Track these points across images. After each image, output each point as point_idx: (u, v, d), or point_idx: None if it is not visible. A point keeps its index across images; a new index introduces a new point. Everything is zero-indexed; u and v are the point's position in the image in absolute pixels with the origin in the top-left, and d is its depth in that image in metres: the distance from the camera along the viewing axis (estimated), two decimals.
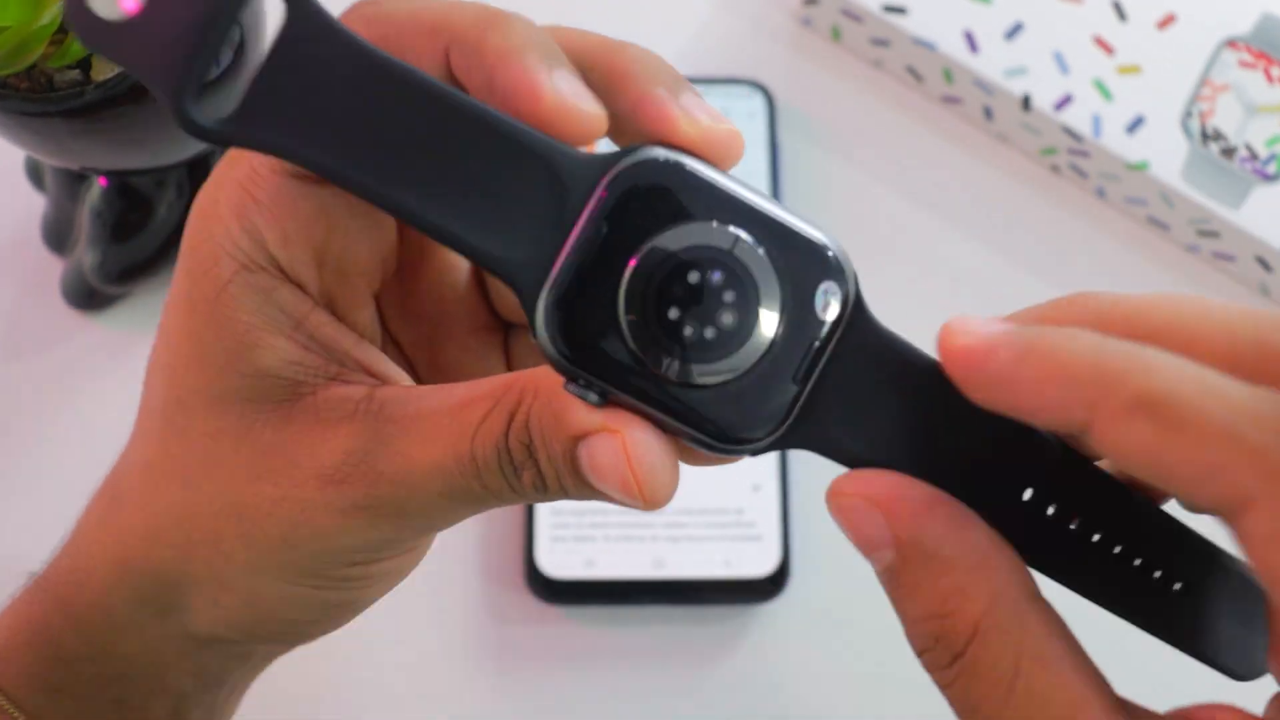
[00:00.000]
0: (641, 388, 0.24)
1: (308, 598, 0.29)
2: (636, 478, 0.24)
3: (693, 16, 0.54)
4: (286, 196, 0.27)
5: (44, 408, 0.49)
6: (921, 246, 0.51)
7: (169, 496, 0.29)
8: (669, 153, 0.25)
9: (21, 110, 0.36)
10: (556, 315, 0.24)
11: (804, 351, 0.25)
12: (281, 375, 0.27)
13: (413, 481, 0.26)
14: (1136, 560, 0.26)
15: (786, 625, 0.46)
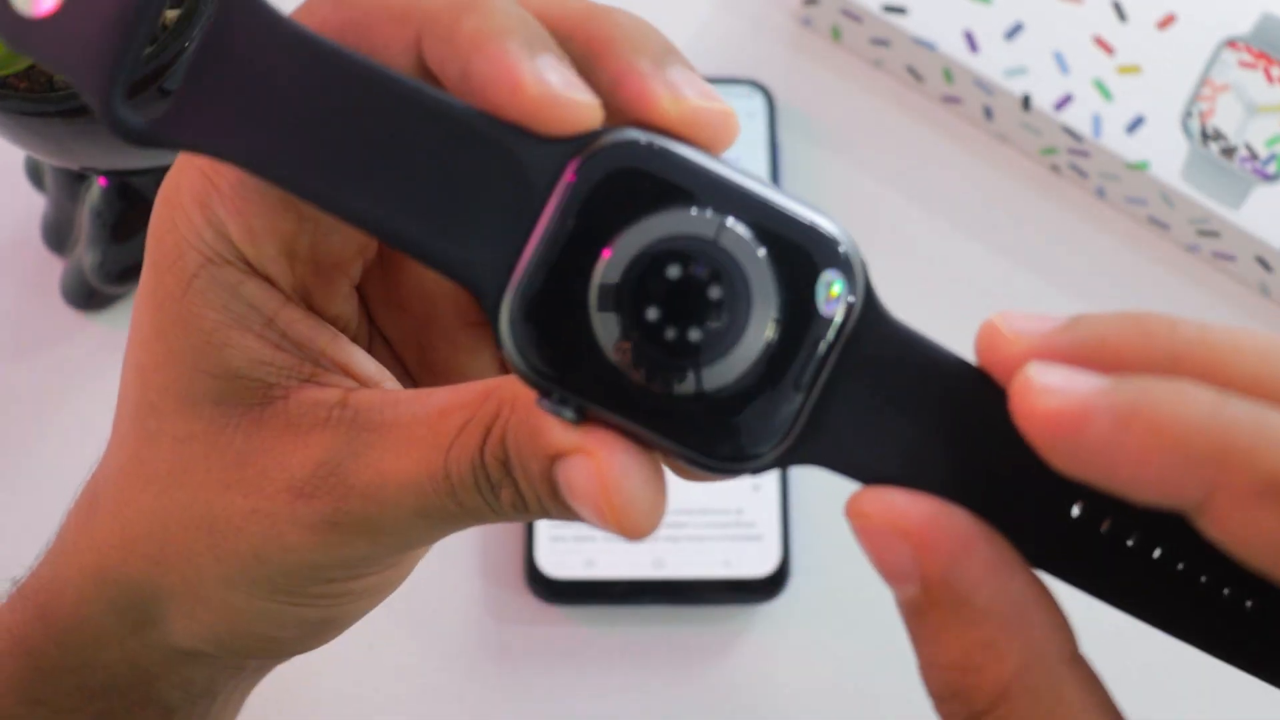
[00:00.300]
0: (621, 401, 0.21)
1: (284, 614, 0.27)
2: (612, 506, 0.22)
3: (693, 16, 0.54)
4: (250, 186, 0.24)
5: (44, 408, 0.49)
6: (922, 246, 0.51)
7: (141, 505, 0.27)
8: (648, 135, 0.22)
9: (21, 110, 0.36)
10: (522, 322, 0.21)
11: (808, 355, 0.22)
12: (252, 376, 0.25)
13: (384, 498, 0.24)
14: (1203, 578, 0.22)
15: (786, 625, 0.46)
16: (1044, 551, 0.22)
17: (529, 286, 0.21)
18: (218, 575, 0.26)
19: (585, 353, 0.21)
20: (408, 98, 0.22)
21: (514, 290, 0.21)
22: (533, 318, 0.21)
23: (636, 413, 0.22)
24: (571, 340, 0.21)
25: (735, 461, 0.22)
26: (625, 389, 0.21)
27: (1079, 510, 0.22)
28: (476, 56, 0.22)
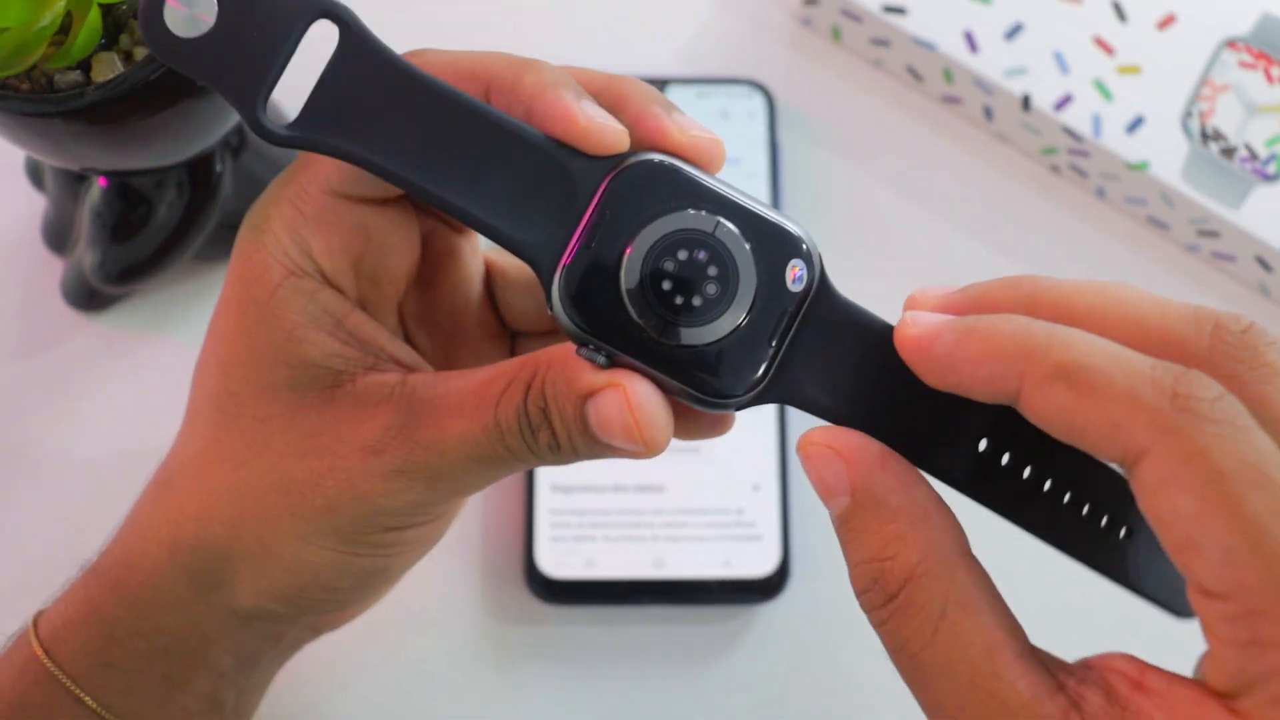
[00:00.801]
0: (641, 349, 0.28)
1: (346, 564, 0.32)
2: (638, 423, 0.28)
3: (693, 16, 0.54)
4: (331, 213, 0.31)
5: (44, 408, 0.49)
6: (922, 246, 0.51)
7: (222, 478, 0.32)
8: (663, 156, 0.29)
9: (22, 111, 0.36)
10: (568, 289, 0.28)
11: (777, 318, 0.29)
12: (324, 365, 0.31)
13: (445, 447, 0.30)
14: (1085, 507, 0.29)
15: (786, 625, 0.46)
16: (956, 475, 0.29)
17: (575, 263, 0.28)
18: (293, 531, 0.31)
19: (615, 313, 0.28)
20: (492, 121, 0.29)
21: (564, 267, 0.28)
22: (576, 287, 0.28)
23: (653, 359, 0.28)
24: (604, 303, 0.28)
25: (723, 398, 0.29)
26: (644, 341, 0.28)
27: (985, 445, 0.29)
28: (538, 101, 0.29)
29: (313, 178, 0.31)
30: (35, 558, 0.37)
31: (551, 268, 0.28)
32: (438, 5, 0.54)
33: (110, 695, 0.33)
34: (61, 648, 0.34)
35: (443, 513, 0.33)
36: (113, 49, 0.37)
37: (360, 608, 0.38)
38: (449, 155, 0.29)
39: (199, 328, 0.50)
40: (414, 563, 0.34)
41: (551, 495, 0.46)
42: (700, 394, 0.29)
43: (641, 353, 0.28)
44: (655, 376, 0.29)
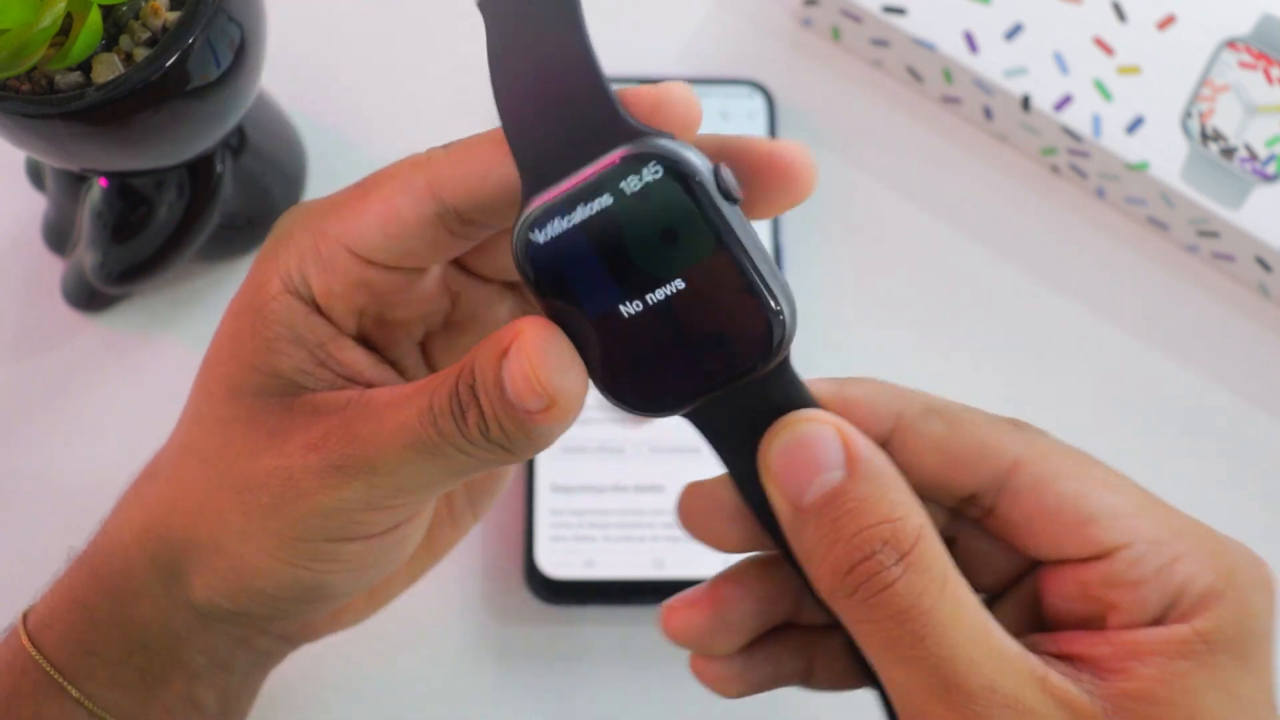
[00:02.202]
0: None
1: (283, 573, 0.31)
2: (533, 365, 0.27)
3: (693, 16, 0.54)
4: (339, 265, 0.31)
5: (44, 408, 0.49)
6: (921, 246, 0.51)
7: (189, 472, 0.32)
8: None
9: (22, 112, 0.36)
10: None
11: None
12: (292, 379, 0.31)
13: (380, 438, 0.29)
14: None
15: None
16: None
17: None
18: (239, 529, 0.31)
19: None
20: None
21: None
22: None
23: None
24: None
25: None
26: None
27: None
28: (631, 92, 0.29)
29: (336, 226, 0.31)
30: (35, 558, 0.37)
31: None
32: (438, 4, 0.54)
33: (94, 686, 0.34)
34: (46, 635, 0.34)
35: (389, 527, 0.32)
36: (113, 50, 0.37)
37: (336, 617, 0.37)
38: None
39: (199, 328, 0.50)
40: (357, 586, 0.33)
41: (551, 495, 0.46)
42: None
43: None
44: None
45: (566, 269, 0.28)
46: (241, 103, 0.41)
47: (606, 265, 0.27)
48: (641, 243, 0.27)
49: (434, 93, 0.52)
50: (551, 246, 0.28)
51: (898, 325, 0.50)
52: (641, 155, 0.27)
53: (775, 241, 0.50)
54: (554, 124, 0.28)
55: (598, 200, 0.27)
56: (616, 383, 0.28)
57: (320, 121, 0.52)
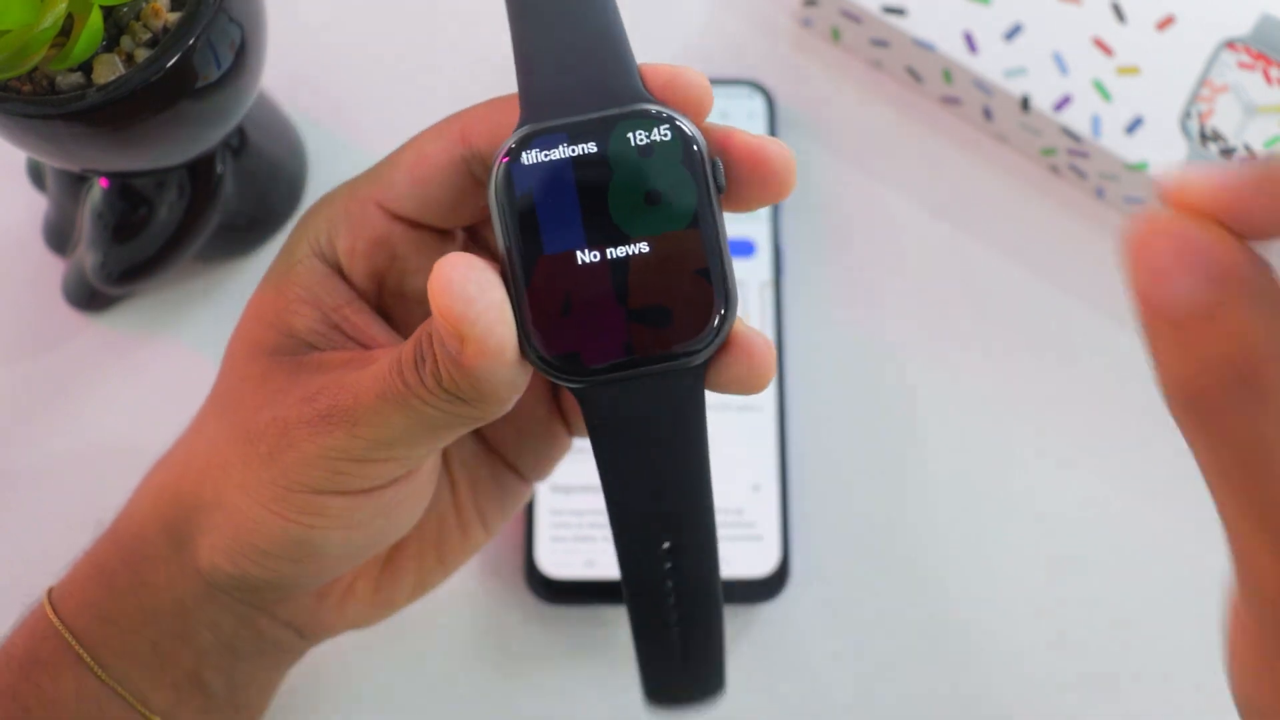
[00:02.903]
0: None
1: (272, 524, 0.32)
2: (441, 298, 0.26)
3: (693, 16, 0.54)
4: (368, 220, 0.32)
5: (45, 408, 0.49)
6: (920, 246, 0.51)
7: (206, 430, 0.33)
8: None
9: (23, 113, 0.36)
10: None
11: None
12: (304, 340, 0.32)
13: (361, 388, 0.30)
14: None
15: (786, 625, 0.47)
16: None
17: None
18: (239, 480, 0.32)
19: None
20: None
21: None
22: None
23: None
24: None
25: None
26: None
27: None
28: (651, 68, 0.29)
29: (368, 184, 0.32)
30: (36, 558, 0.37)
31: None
32: (439, 4, 0.54)
33: (108, 655, 0.34)
34: (67, 602, 0.34)
35: (373, 483, 0.31)
36: (114, 51, 0.37)
37: (343, 613, 0.37)
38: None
39: (199, 328, 0.50)
40: (347, 549, 0.33)
41: (551, 495, 0.46)
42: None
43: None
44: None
45: (542, 197, 0.27)
46: (242, 103, 0.41)
47: (583, 206, 0.27)
48: (625, 195, 0.27)
49: (435, 93, 0.52)
50: (536, 169, 0.27)
51: (896, 325, 0.50)
52: (659, 114, 0.27)
53: (775, 241, 0.50)
54: (569, 72, 0.28)
55: (599, 140, 0.27)
56: (537, 328, 0.27)
57: (320, 121, 0.52)
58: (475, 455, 0.38)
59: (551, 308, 0.27)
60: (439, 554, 0.38)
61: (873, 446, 0.48)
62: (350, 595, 0.37)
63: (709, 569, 0.32)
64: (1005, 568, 0.47)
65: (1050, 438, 0.49)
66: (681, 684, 0.36)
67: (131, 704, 0.34)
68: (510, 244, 0.27)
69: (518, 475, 0.38)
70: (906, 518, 0.48)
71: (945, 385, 0.49)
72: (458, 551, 0.38)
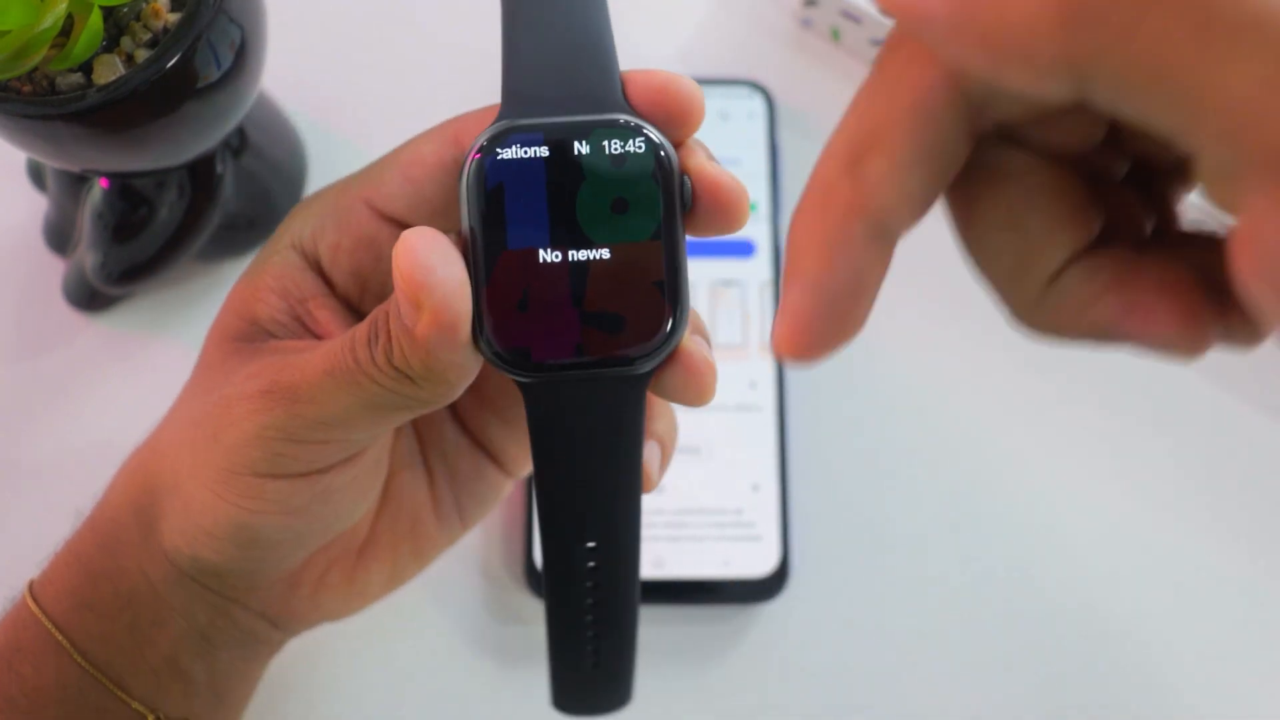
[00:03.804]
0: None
1: (218, 509, 0.32)
2: (404, 263, 0.27)
3: (692, 16, 0.54)
4: (356, 218, 0.32)
5: (45, 408, 0.49)
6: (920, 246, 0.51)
7: (172, 416, 0.34)
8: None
9: (24, 113, 0.36)
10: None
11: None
12: (265, 328, 0.32)
13: (306, 366, 0.30)
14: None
15: (786, 625, 0.47)
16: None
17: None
18: (191, 462, 0.32)
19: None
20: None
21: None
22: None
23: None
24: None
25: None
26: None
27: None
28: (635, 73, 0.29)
29: (360, 183, 0.32)
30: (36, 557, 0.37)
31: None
32: (439, 4, 0.54)
33: (87, 641, 0.34)
34: (47, 590, 0.35)
35: (309, 468, 0.32)
36: (114, 51, 0.38)
37: (317, 605, 0.37)
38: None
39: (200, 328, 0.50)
40: (289, 536, 0.33)
41: None
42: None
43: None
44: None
45: (512, 192, 0.28)
46: (242, 103, 0.41)
47: (550, 206, 0.28)
48: (593, 201, 0.28)
49: (434, 93, 0.52)
50: (509, 165, 0.28)
51: (896, 324, 0.50)
52: (636, 126, 0.28)
53: (775, 241, 0.50)
54: (553, 73, 0.28)
55: (574, 143, 0.28)
56: (492, 318, 0.28)
57: (320, 121, 0.52)
58: (457, 447, 0.37)
59: (508, 301, 0.28)
60: (414, 546, 0.38)
61: (873, 446, 0.48)
62: (323, 586, 0.37)
63: (628, 575, 0.33)
64: (1005, 567, 0.47)
65: (1052, 437, 0.49)
66: (589, 692, 0.36)
67: (111, 689, 0.34)
68: (475, 234, 0.28)
69: (499, 468, 0.38)
70: (906, 518, 0.48)
71: (945, 385, 0.49)
72: (434, 544, 0.38)
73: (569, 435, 0.29)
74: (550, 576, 0.32)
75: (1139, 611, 0.47)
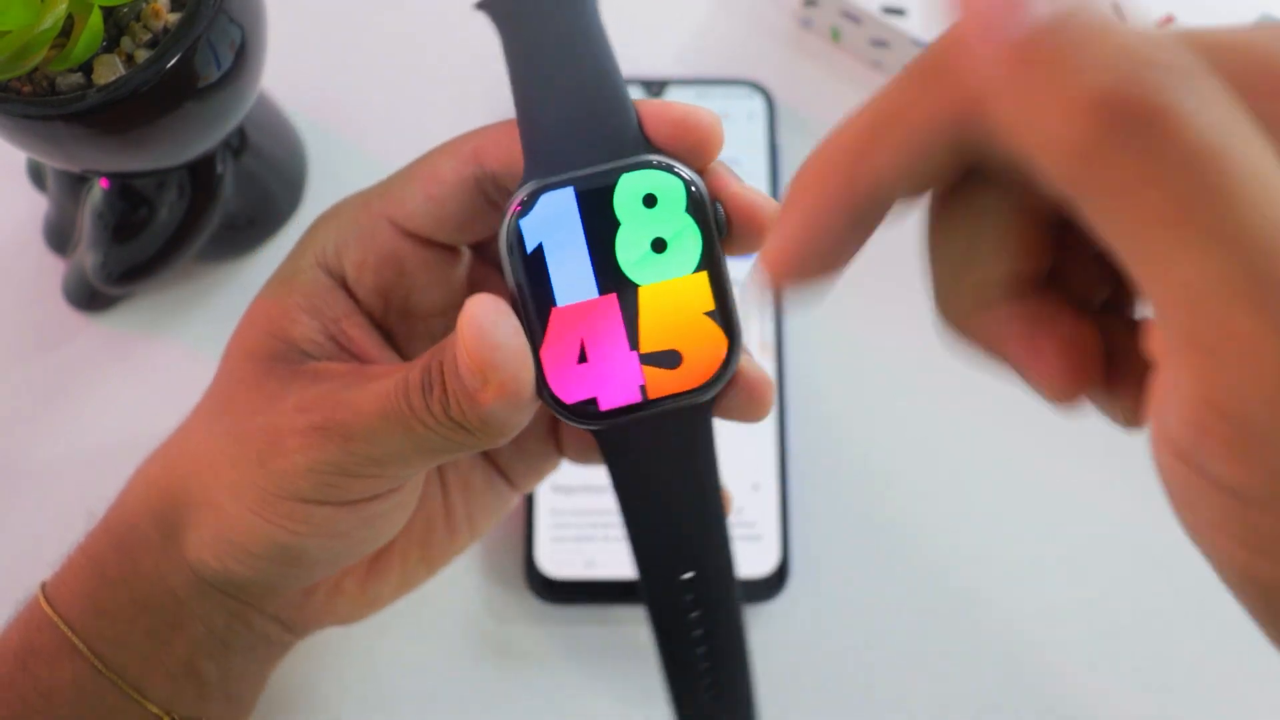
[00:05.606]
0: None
1: (260, 529, 0.32)
2: (467, 339, 0.27)
3: (692, 16, 0.54)
4: (378, 237, 0.32)
5: (45, 408, 0.49)
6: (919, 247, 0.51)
7: (198, 429, 0.34)
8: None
9: (24, 113, 0.36)
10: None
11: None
12: (300, 348, 0.32)
13: (360, 404, 0.30)
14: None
15: (786, 625, 0.47)
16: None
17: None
18: (229, 481, 0.32)
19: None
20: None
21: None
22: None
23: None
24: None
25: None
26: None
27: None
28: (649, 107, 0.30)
29: (381, 199, 0.32)
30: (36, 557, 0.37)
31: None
32: (439, 4, 0.54)
33: (102, 644, 0.34)
34: (62, 593, 0.35)
35: (360, 497, 0.32)
36: (114, 52, 0.38)
37: (332, 609, 0.38)
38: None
39: (200, 328, 0.50)
40: (330, 556, 0.34)
41: (551, 495, 0.46)
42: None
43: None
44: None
45: (551, 250, 0.28)
46: (242, 104, 0.41)
47: (592, 256, 0.28)
48: (632, 244, 0.28)
49: (435, 93, 0.52)
50: (545, 224, 0.28)
51: (896, 325, 0.50)
52: (663, 165, 0.28)
53: None
54: (571, 123, 0.29)
55: (605, 192, 0.28)
56: (554, 375, 0.28)
57: (320, 121, 0.52)
58: (471, 461, 0.38)
59: (567, 357, 0.28)
60: (424, 554, 0.38)
61: (872, 446, 0.48)
62: (338, 592, 0.37)
63: (730, 599, 0.33)
64: (1005, 567, 0.47)
65: (1053, 438, 0.49)
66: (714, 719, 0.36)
67: (128, 693, 0.34)
68: (524, 295, 0.28)
69: (508, 484, 0.39)
70: (906, 517, 0.48)
71: (945, 385, 0.49)
72: (443, 552, 0.39)
73: (647, 473, 0.30)
74: (655, 614, 0.32)
75: (1141, 609, 0.47)
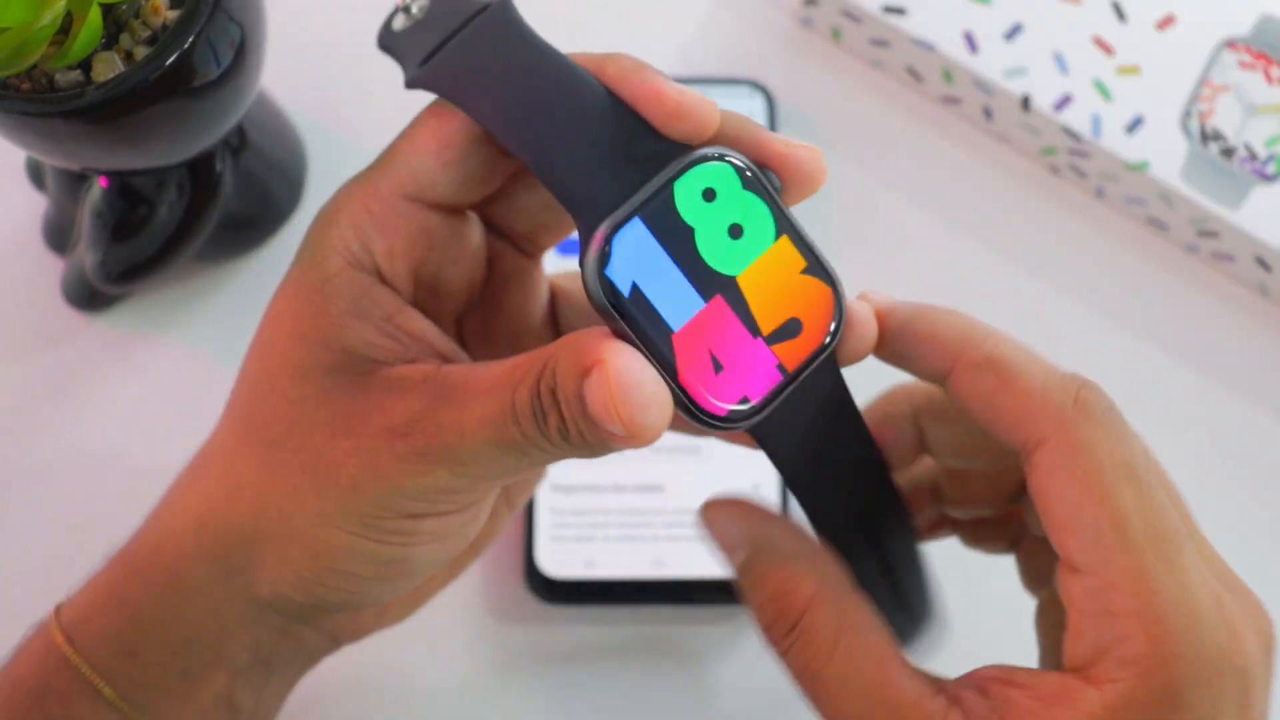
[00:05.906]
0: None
1: (365, 549, 0.31)
2: (614, 400, 0.27)
3: (693, 16, 0.54)
4: (398, 216, 0.31)
5: (44, 408, 0.49)
6: (921, 247, 0.51)
7: (253, 458, 0.32)
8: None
9: (23, 111, 0.36)
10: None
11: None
12: (363, 354, 0.31)
13: (465, 430, 0.29)
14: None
15: None
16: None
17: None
18: (316, 510, 0.31)
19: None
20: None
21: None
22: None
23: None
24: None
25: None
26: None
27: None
28: (624, 84, 0.30)
29: (387, 178, 0.31)
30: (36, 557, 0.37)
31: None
32: None
33: (129, 686, 0.33)
34: (83, 634, 0.33)
35: (468, 504, 0.32)
36: (113, 49, 0.37)
37: (382, 614, 0.38)
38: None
39: (200, 328, 0.50)
40: (437, 559, 0.33)
41: (551, 495, 0.46)
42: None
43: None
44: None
45: (646, 283, 0.28)
46: (242, 102, 0.41)
47: (682, 269, 0.28)
48: (713, 241, 0.28)
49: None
50: (629, 263, 0.28)
51: None
52: (700, 157, 0.29)
53: None
54: (596, 160, 0.29)
55: (670, 206, 0.28)
56: (705, 397, 0.28)
57: (320, 121, 0.52)
58: None
59: (705, 373, 0.28)
60: (470, 544, 0.37)
61: None
62: (392, 603, 0.37)
63: (904, 523, 0.35)
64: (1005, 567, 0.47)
65: None
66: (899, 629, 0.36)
67: None
68: (643, 336, 0.28)
69: None
70: None
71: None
72: (487, 537, 0.38)
73: (809, 440, 0.30)
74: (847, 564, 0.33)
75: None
